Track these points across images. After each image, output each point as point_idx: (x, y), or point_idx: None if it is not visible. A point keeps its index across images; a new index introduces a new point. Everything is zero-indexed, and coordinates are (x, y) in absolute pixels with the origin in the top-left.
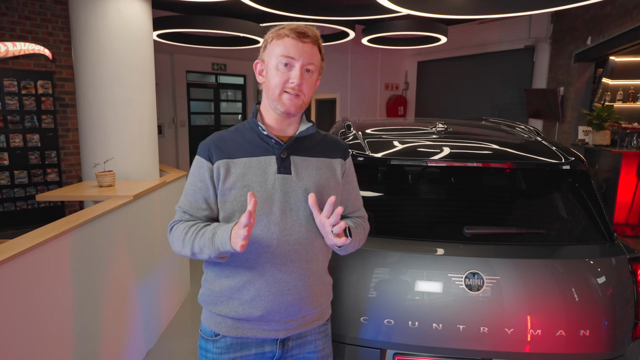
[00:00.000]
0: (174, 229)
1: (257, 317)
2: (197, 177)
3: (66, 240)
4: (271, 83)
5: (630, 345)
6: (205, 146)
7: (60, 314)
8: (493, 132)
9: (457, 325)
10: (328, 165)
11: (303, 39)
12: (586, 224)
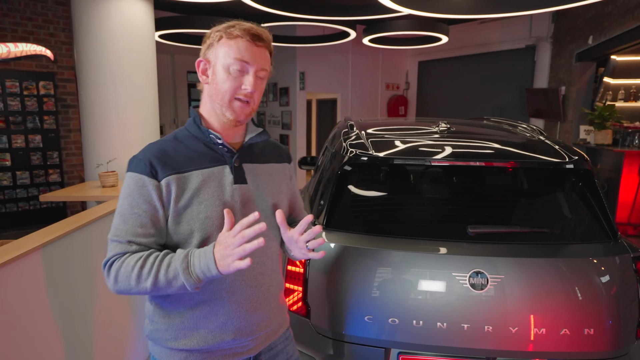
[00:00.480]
0: (119, 265)
1: (228, 341)
2: (139, 198)
3: (70, 241)
4: (221, 88)
5: (635, 343)
6: (144, 161)
7: (64, 314)
8: (496, 132)
9: (461, 324)
10: (279, 170)
11: (258, 42)
12: (590, 223)
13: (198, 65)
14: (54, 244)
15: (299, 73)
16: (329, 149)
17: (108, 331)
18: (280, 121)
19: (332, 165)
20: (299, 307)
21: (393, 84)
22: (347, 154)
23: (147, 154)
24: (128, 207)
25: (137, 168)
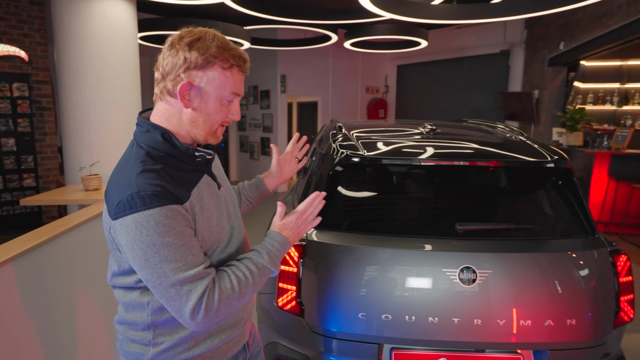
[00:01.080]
0: (216, 296)
1: (234, 333)
2: (181, 226)
3: (58, 244)
4: (212, 117)
5: (612, 333)
6: (160, 191)
7: (44, 324)
8: (480, 133)
9: (452, 318)
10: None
11: (245, 69)
12: (570, 219)
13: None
14: (40, 248)
15: (280, 76)
16: (317, 150)
17: (88, 344)
18: (262, 124)
19: (323, 166)
20: (293, 306)
21: (373, 87)
22: (338, 154)
23: (155, 183)
24: (175, 241)
25: (161, 196)
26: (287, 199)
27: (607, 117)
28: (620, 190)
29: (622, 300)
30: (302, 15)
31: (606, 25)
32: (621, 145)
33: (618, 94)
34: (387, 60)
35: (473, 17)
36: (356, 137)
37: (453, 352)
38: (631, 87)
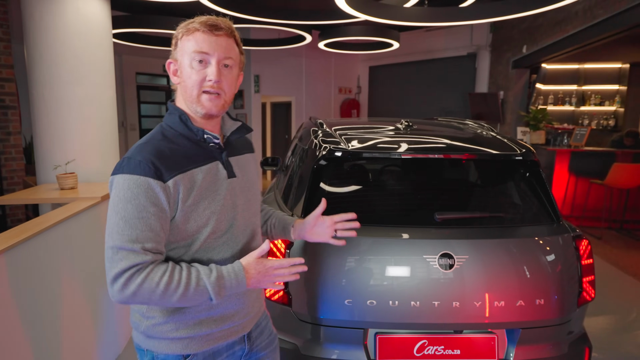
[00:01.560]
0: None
1: (228, 324)
2: (145, 201)
3: (36, 243)
4: (187, 83)
5: (576, 311)
6: (145, 162)
7: (39, 311)
8: (454, 129)
9: (432, 302)
10: (252, 159)
11: (215, 31)
12: (537, 208)
13: (168, 67)
14: (16, 248)
15: (254, 76)
16: (299, 146)
17: (74, 337)
18: None
19: (306, 161)
20: (280, 296)
21: (345, 88)
22: (321, 149)
23: (145, 155)
24: (134, 211)
25: (137, 170)
26: (268, 195)
27: (566, 117)
28: (579, 185)
29: (585, 281)
30: (277, 15)
31: (565, 30)
32: (579, 143)
33: (576, 95)
34: (359, 62)
35: (442, 20)
36: (338, 133)
37: (433, 334)
38: (587, 89)
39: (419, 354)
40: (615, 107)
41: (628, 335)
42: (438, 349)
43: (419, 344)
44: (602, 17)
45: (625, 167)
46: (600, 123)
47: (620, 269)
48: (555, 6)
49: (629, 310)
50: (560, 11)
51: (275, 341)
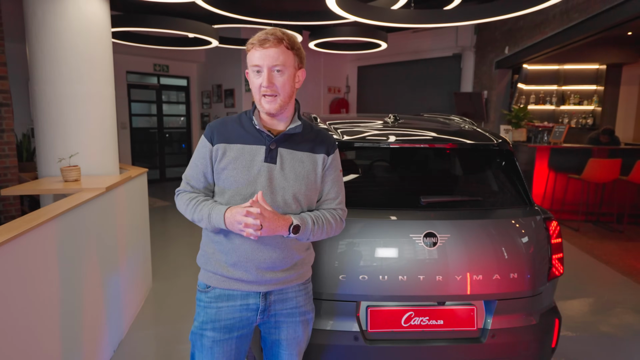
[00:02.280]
0: (180, 196)
1: (237, 277)
2: (199, 154)
3: (49, 228)
4: (252, 90)
5: (547, 285)
6: (210, 129)
7: (47, 297)
8: (437, 122)
9: (418, 276)
10: (311, 159)
11: (264, 45)
12: (512, 192)
13: (247, 76)
14: (36, 230)
15: (244, 75)
16: None
17: (85, 316)
18: None
19: None
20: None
21: (334, 88)
22: None
23: (213, 124)
24: (194, 158)
25: (206, 132)
26: None
27: (547, 115)
28: (558, 180)
29: (554, 258)
30: (267, 16)
31: (543, 32)
32: (558, 140)
33: (556, 95)
34: (348, 62)
35: (428, 22)
36: (331, 126)
37: (419, 306)
38: (567, 89)
39: (406, 325)
40: (594, 106)
41: (601, 316)
42: (423, 320)
43: (406, 315)
44: (577, 20)
45: (600, 162)
46: (580, 121)
47: (594, 257)
48: (533, 9)
49: (601, 295)
50: (539, 14)
51: (301, 317)
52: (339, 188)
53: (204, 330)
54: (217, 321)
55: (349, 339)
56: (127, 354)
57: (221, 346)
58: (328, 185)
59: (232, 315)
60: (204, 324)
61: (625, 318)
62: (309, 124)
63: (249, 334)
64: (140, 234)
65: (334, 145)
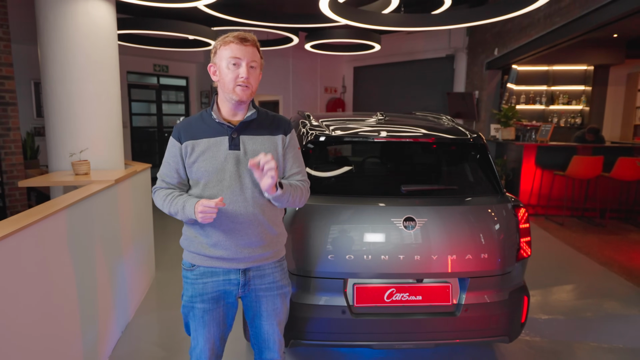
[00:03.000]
0: (157, 193)
1: (218, 256)
2: (170, 153)
3: (65, 216)
4: (226, 80)
5: (515, 265)
6: (177, 130)
7: (66, 277)
8: (420, 120)
9: (398, 256)
10: (271, 141)
11: (245, 43)
12: (484, 182)
13: (210, 69)
14: (51, 218)
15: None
16: None
17: (99, 295)
18: None
19: None
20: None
21: (331, 88)
22: (309, 134)
23: (179, 126)
24: (166, 158)
25: (173, 134)
26: None
27: (537, 115)
28: (545, 177)
29: (522, 241)
30: (265, 19)
31: (529, 34)
32: (545, 138)
33: (546, 95)
34: (344, 62)
35: (418, 25)
36: (322, 123)
37: (400, 283)
38: (556, 89)
39: (388, 300)
40: (582, 106)
41: (577, 301)
42: (404, 296)
43: (389, 292)
44: (559, 23)
45: (583, 159)
46: (568, 121)
47: (576, 249)
48: (516, 14)
49: (579, 282)
50: (525, 17)
51: (278, 290)
52: (299, 163)
53: (194, 303)
54: (204, 294)
55: (337, 313)
56: (133, 335)
57: (210, 314)
58: (290, 162)
59: (217, 288)
60: (193, 298)
61: (599, 302)
62: (264, 111)
63: (234, 302)
64: (145, 225)
65: (290, 126)
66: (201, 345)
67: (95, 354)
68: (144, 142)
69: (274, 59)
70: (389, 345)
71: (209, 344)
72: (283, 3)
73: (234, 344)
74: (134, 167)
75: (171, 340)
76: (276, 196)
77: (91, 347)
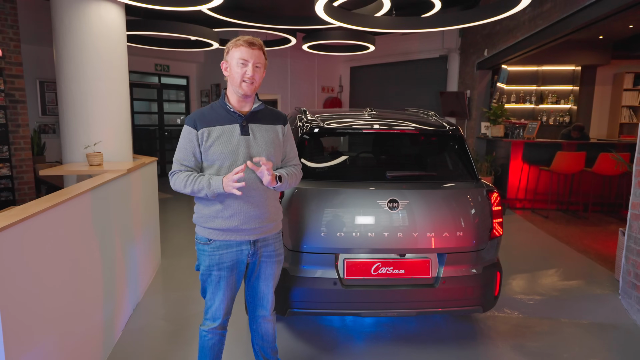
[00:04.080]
0: (176, 176)
1: (234, 227)
2: (186, 139)
3: (85, 199)
4: (235, 76)
5: (488, 243)
6: (192, 119)
7: (89, 252)
8: (405, 114)
9: (383, 233)
10: (273, 129)
11: (252, 46)
12: (461, 170)
13: (222, 66)
14: (70, 202)
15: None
16: None
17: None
18: None
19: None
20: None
21: (328, 87)
22: (304, 127)
23: (193, 115)
24: (182, 144)
25: (188, 122)
26: None
27: (527, 113)
28: (531, 172)
29: (494, 222)
30: (265, 21)
31: (516, 36)
32: (531, 135)
33: (535, 94)
34: (341, 62)
35: (407, 28)
36: (317, 117)
37: (385, 258)
38: (545, 88)
39: (375, 273)
40: (570, 105)
41: (554, 283)
42: (388, 269)
43: (375, 266)
44: (541, 26)
45: (566, 155)
46: (557, 119)
47: (557, 239)
48: (500, 17)
49: (558, 268)
50: (512, 20)
51: (276, 257)
52: (295, 150)
53: (212, 271)
54: (220, 264)
55: (329, 284)
56: (144, 312)
57: (225, 280)
58: (288, 148)
59: (231, 258)
60: (210, 267)
61: (574, 284)
62: (265, 105)
63: (243, 270)
64: (152, 214)
65: (286, 119)
66: (217, 305)
67: (112, 325)
68: (145, 140)
69: (272, 59)
70: (376, 313)
71: (223, 304)
72: (281, 6)
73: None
74: (142, 160)
75: (179, 316)
76: (276, 187)
77: (109, 319)
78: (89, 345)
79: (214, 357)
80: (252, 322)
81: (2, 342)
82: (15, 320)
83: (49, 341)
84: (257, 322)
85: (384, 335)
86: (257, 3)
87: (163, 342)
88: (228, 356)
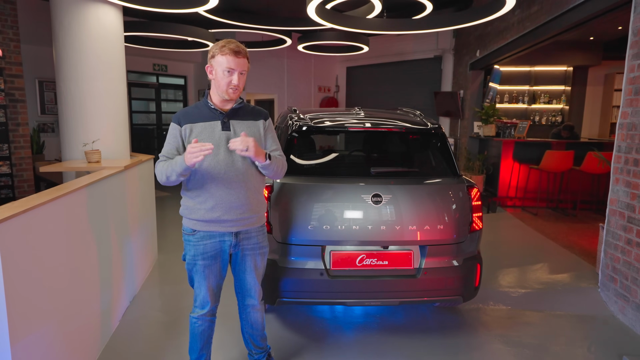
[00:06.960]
0: (158, 165)
1: (215, 218)
2: (172, 135)
3: (83, 194)
4: (220, 83)
5: (468, 236)
6: (177, 116)
7: (87, 245)
8: (391, 113)
9: (367, 226)
10: (254, 124)
11: (238, 55)
12: (443, 166)
13: (207, 69)
14: (69, 196)
15: None
16: (278, 126)
17: (114, 267)
18: None
19: (283, 134)
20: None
21: (324, 87)
22: (294, 125)
23: (179, 113)
24: (167, 139)
25: (174, 119)
26: None
27: (520, 113)
28: (522, 171)
29: (474, 216)
30: (260, 22)
31: (505, 38)
32: (521, 134)
33: (528, 94)
34: (337, 63)
35: (398, 29)
36: (306, 116)
37: (369, 250)
38: (538, 89)
39: (359, 264)
40: (562, 105)
41: (537, 276)
42: (372, 260)
43: (360, 257)
44: (529, 28)
45: (555, 153)
46: (549, 119)
47: (545, 235)
48: (487, 19)
49: (543, 262)
50: (502, 22)
51: (260, 250)
52: (277, 143)
53: (197, 261)
54: (204, 253)
55: (316, 275)
56: (140, 304)
57: (210, 269)
58: (270, 142)
59: (214, 248)
60: (195, 256)
61: (557, 278)
62: (246, 103)
63: (226, 259)
64: (148, 211)
65: (267, 114)
66: (204, 293)
67: (109, 315)
68: (143, 139)
69: (269, 59)
70: (361, 302)
71: (210, 292)
72: (277, 7)
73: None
74: (139, 157)
75: (174, 308)
76: (265, 165)
77: (107, 309)
78: (87, 331)
79: (204, 343)
80: (242, 311)
81: (7, 323)
82: (20, 303)
83: (50, 325)
84: (247, 311)
85: (372, 325)
86: (252, 4)
87: (158, 332)
88: (220, 345)
